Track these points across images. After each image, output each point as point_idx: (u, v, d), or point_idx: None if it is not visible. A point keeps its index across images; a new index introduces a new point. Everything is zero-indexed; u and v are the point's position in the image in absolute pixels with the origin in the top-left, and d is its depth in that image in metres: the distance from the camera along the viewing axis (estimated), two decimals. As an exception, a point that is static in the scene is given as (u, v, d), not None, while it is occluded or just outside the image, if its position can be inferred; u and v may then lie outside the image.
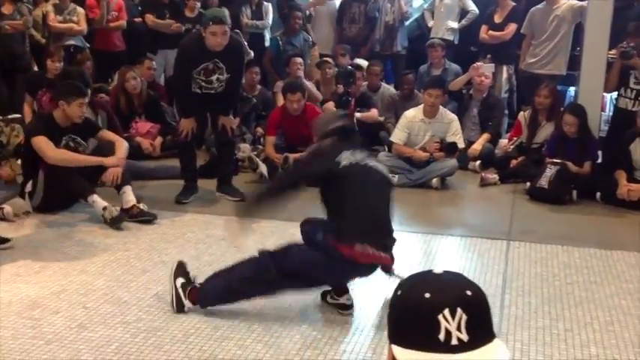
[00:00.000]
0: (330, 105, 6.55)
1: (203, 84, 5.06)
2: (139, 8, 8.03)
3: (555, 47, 6.72)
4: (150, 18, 7.61)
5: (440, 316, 1.07)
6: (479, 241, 4.59)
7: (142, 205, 4.82)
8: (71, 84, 4.79)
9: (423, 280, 1.15)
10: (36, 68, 7.24)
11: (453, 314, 1.07)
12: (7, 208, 4.66)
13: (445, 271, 1.17)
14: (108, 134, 5.06)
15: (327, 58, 7.43)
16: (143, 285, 3.75)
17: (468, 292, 1.11)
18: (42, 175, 4.72)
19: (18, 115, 6.26)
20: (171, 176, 5.62)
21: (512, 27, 7.17)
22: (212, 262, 4.08)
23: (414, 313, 1.09)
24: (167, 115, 6.75)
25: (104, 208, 4.59)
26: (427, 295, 1.09)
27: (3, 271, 3.87)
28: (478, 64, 6.76)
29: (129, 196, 4.77)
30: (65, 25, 7.50)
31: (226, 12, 5.12)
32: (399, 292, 1.15)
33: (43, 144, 4.63)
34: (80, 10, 7.62)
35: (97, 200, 4.62)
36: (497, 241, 4.58)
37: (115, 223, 4.58)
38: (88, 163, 4.77)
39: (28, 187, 4.75)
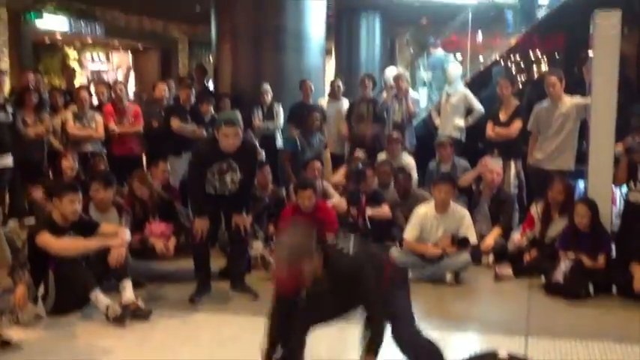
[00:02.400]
0: (342, 202, 6.63)
1: (217, 184, 5.19)
2: (161, 113, 8.26)
3: (562, 144, 6.82)
4: (176, 122, 7.82)
5: None
6: (497, 337, 4.52)
7: (139, 302, 4.87)
8: (63, 181, 4.92)
9: None
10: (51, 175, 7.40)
11: None
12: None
13: (510, 356, 1.12)
14: (109, 228, 5.14)
15: (359, 155, 7.63)
16: (156, 387, 3.70)
17: None
18: (52, 278, 4.76)
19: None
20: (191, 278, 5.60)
21: (517, 123, 7.31)
22: (226, 362, 4.03)
23: None
24: (181, 215, 6.82)
25: (107, 308, 4.65)
26: None
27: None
28: (486, 159, 6.86)
29: (128, 293, 4.83)
30: (84, 132, 7.73)
31: (238, 114, 5.29)
32: None
33: (46, 238, 4.76)
34: (98, 117, 7.86)
35: (100, 297, 4.68)
36: (515, 337, 4.51)
37: (118, 322, 4.61)
38: (93, 247, 4.90)
39: (40, 291, 4.77)
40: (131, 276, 4.98)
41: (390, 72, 9.02)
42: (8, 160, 7.27)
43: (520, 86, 9.70)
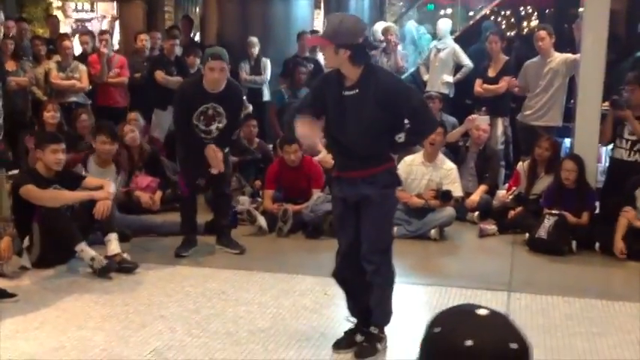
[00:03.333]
0: (328, 157, 6.60)
1: (202, 135, 5.09)
2: (145, 64, 8.16)
3: (550, 100, 6.81)
4: (160, 74, 7.73)
5: None
6: (479, 292, 4.57)
7: (125, 254, 4.87)
8: (46, 132, 4.86)
9: (465, 322, 1.06)
10: (36, 126, 7.32)
11: None
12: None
13: (491, 313, 1.07)
14: (93, 181, 5.11)
15: None
16: (142, 340, 3.73)
17: (513, 346, 1.03)
18: (37, 230, 4.74)
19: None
20: (177, 232, 5.56)
21: (506, 80, 7.28)
22: (212, 315, 4.07)
23: (452, 358, 1.02)
24: (167, 169, 6.79)
25: (92, 259, 4.65)
26: (468, 342, 1.01)
27: (2, 327, 3.85)
28: (473, 116, 6.86)
29: (113, 245, 4.83)
30: (67, 82, 7.62)
31: (225, 52, 5.16)
32: (436, 330, 1.06)
33: (30, 190, 4.73)
34: (82, 67, 7.75)
35: (86, 249, 4.67)
36: (498, 292, 4.57)
37: (103, 273, 4.63)
38: (78, 199, 4.90)
39: (25, 242, 4.76)
40: (117, 229, 4.96)
41: (379, 26, 8.91)
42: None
43: (509, 42, 9.60)
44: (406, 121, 3.48)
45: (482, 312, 1.07)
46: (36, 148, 4.93)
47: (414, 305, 4.35)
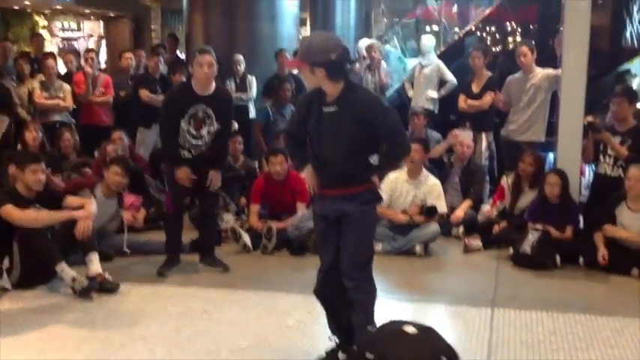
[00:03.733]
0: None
1: (192, 141, 4.98)
2: (129, 82, 8.16)
3: (533, 115, 6.85)
4: (144, 93, 7.72)
5: None
6: (463, 308, 4.55)
7: (106, 274, 4.82)
8: (26, 152, 4.83)
9: (395, 345, 1.07)
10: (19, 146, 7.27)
11: None
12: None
13: (419, 330, 1.09)
14: (74, 200, 5.06)
15: None
16: (122, 361, 3.69)
17: (443, 359, 1.06)
18: (17, 251, 4.70)
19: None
20: (160, 251, 5.51)
21: (489, 95, 7.32)
22: (194, 335, 4.03)
23: None
24: (151, 187, 6.77)
25: (73, 279, 4.61)
26: None
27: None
28: (456, 131, 6.88)
29: (94, 265, 4.79)
30: (51, 102, 7.61)
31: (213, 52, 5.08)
32: (369, 356, 1.07)
33: (9, 210, 4.66)
34: (66, 86, 7.74)
35: (66, 269, 4.63)
36: (482, 308, 4.55)
37: (84, 294, 4.58)
38: (58, 219, 4.86)
39: (5, 263, 4.71)
40: (98, 249, 4.92)
41: (363, 43, 8.95)
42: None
43: (493, 57, 9.67)
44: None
45: (410, 330, 1.09)
46: (16, 167, 4.89)
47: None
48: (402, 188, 6.05)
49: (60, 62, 9.24)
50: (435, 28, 12.90)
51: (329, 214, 3.46)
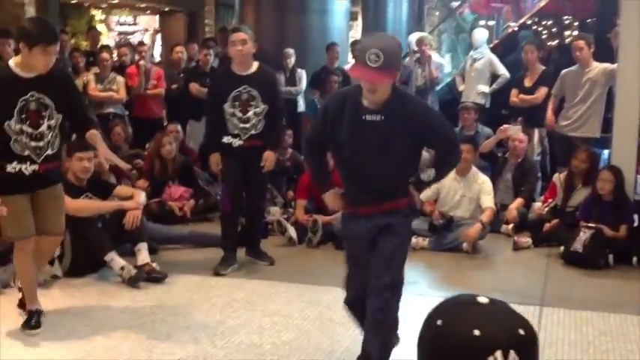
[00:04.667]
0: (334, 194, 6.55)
1: (241, 125, 4.89)
2: (181, 76, 8.26)
3: (588, 110, 6.66)
4: (194, 87, 7.81)
5: (490, 358, 0.96)
6: (512, 306, 4.45)
7: (154, 264, 4.89)
8: (74, 140, 4.90)
9: (468, 312, 1.02)
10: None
11: (505, 356, 0.97)
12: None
13: (491, 301, 1.05)
14: (124, 190, 5.16)
15: None
16: (167, 350, 3.74)
17: (521, 332, 1.00)
18: (68, 239, 4.80)
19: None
20: (206, 244, 5.59)
21: (542, 90, 7.15)
22: (237, 326, 4.06)
23: (460, 351, 0.98)
24: (200, 179, 6.84)
25: (122, 268, 4.69)
26: (476, 332, 0.98)
27: (30, 335, 3.90)
28: (505, 126, 6.75)
29: (143, 254, 4.86)
30: (105, 94, 7.76)
31: (247, 27, 5.08)
32: (438, 322, 1.02)
33: None
34: (120, 78, 7.88)
35: (115, 259, 4.72)
36: (530, 306, 4.44)
37: (132, 283, 4.66)
38: (108, 209, 4.96)
39: (56, 251, 4.82)
40: (147, 241, 5.00)
41: (414, 37, 8.86)
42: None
43: (548, 52, 9.46)
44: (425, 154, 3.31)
45: (482, 300, 1.04)
46: (66, 156, 5.00)
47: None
48: (450, 186, 5.97)
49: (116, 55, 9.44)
50: (490, 22, 12.70)
51: (365, 235, 3.15)
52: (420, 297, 4.67)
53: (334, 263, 5.44)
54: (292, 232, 5.83)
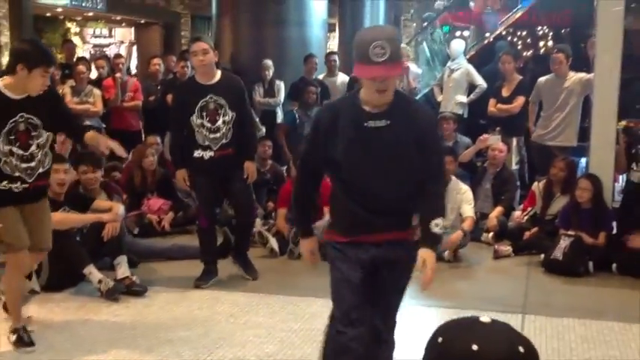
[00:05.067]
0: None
1: (211, 135, 4.78)
2: (158, 87, 8.21)
3: (565, 119, 6.74)
4: (171, 98, 7.74)
5: None
6: (493, 315, 4.42)
7: (134, 278, 4.84)
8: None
9: (469, 329, 1.03)
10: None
11: None
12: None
13: (493, 321, 1.06)
14: (102, 203, 5.08)
15: None
16: (149, 364, 3.68)
17: (521, 349, 1.01)
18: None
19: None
20: (187, 256, 5.53)
21: (520, 100, 7.23)
22: (220, 339, 4.01)
23: None
24: (179, 192, 6.78)
25: (99, 281, 4.64)
26: (475, 347, 0.99)
27: (8, 352, 3.82)
28: (485, 135, 6.80)
29: (122, 268, 4.82)
30: (82, 107, 7.67)
31: (208, 38, 5.06)
32: (439, 340, 1.04)
33: None
34: (97, 91, 7.80)
35: (94, 272, 4.66)
36: (512, 314, 4.46)
37: (110, 295, 4.61)
38: (86, 221, 4.90)
39: (34, 265, 4.74)
40: (126, 254, 4.93)
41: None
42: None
43: (524, 62, 9.57)
44: None
45: (485, 319, 1.05)
46: None
47: (426, 328, 4.25)
48: (432, 197, 5.97)
49: (92, 68, 9.36)
50: (466, 33, 12.81)
51: (367, 262, 2.74)
52: (401, 307, 4.66)
53: (316, 274, 5.40)
54: (274, 243, 5.80)
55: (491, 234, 6.28)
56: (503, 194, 6.60)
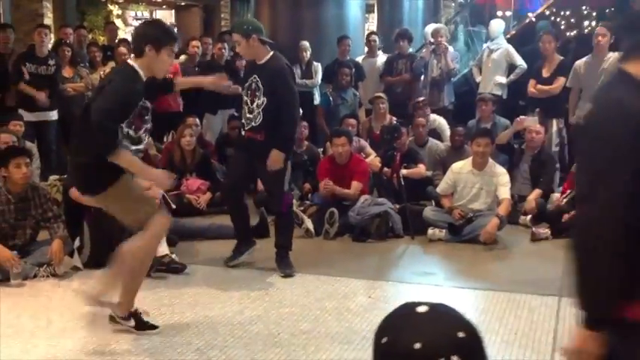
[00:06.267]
0: (375, 160, 6.57)
1: (248, 114, 4.80)
2: (196, 69, 8.29)
3: (606, 100, 6.60)
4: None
5: None
6: (529, 297, 4.46)
7: (173, 255, 4.92)
8: None
9: (409, 324, 1.05)
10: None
11: None
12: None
13: (431, 308, 1.08)
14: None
15: (380, 94, 7.52)
16: (186, 340, 3.77)
17: (460, 334, 1.03)
18: (87, 231, 4.85)
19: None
20: (224, 236, 5.58)
21: (560, 80, 7.10)
22: (255, 317, 4.08)
23: None
24: (217, 172, 6.87)
25: None
26: (417, 345, 1.01)
27: (52, 326, 3.96)
28: (521, 117, 6.72)
29: (162, 246, 4.85)
30: (122, 87, 7.79)
31: (242, 24, 5.14)
32: (384, 340, 1.06)
33: (77, 192, 4.77)
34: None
35: None
36: (549, 297, 4.44)
37: (149, 272, 4.65)
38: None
39: (76, 243, 4.87)
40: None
41: (430, 28, 8.82)
42: (51, 114, 7.41)
43: (566, 42, 9.39)
44: None
45: (421, 309, 1.06)
46: None
47: (461, 310, 4.26)
48: (467, 179, 5.94)
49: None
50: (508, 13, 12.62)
51: None
52: (436, 288, 4.68)
53: (351, 255, 5.47)
54: (309, 223, 5.84)
55: (529, 217, 6.22)
56: (541, 176, 6.51)
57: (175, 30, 6.58)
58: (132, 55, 3.77)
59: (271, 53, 4.86)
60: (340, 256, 5.43)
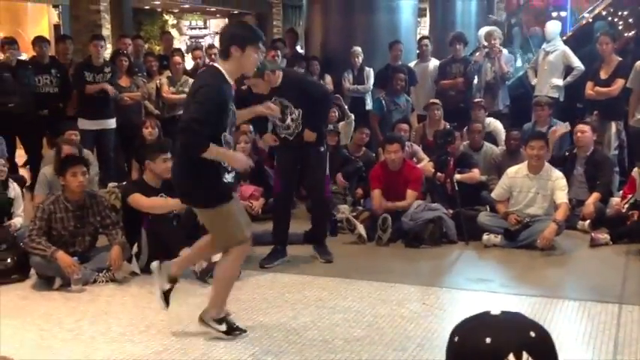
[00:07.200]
0: (428, 165, 6.52)
1: (283, 131, 5.17)
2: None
3: (666, 102, 6.42)
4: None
5: None
6: (589, 304, 4.35)
7: None
8: (155, 143, 5.04)
9: (481, 323, 1.09)
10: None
11: (518, 358, 1.02)
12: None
13: (503, 312, 1.12)
14: None
15: (435, 100, 7.48)
16: (241, 345, 3.81)
17: (532, 334, 1.06)
18: (145, 237, 4.95)
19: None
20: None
21: (619, 82, 6.93)
22: (309, 322, 4.10)
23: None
24: (270, 178, 6.92)
25: (195, 264, 4.77)
26: (488, 340, 1.04)
27: (111, 330, 4.05)
28: (553, 128, 6.64)
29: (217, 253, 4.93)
30: (178, 96, 7.94)
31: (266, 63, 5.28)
32: (455, 339, 1.10)
33: (137, 198, 4.99)
34: (192, 81, 8.03)
35: None
36: (609, 304, 4.33)
37: (204, 276, 4.79)
38: (182, 206, 4.89)
39: (134, 249, 4.98)
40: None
41: (483, 31, 8.72)
42: (110, 122, 7.59)
43: (625, 42, 9.13)
44: None
45: (495, 312, 1.11)
46: (146, 159, 5.15)
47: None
48: (523, 184, 5.85)
49: (188, 58, 9.65)
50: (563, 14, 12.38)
51: None
52: (492, 295, 4.62)
53: (404, 261, 5.44)
54: (361, 229, 5.83)
55: (587, 221, 6.08)
56: (598, 179, 6.35)
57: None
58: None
59: (281, 72, 5.13)
60: (393, 261, 5.40)
